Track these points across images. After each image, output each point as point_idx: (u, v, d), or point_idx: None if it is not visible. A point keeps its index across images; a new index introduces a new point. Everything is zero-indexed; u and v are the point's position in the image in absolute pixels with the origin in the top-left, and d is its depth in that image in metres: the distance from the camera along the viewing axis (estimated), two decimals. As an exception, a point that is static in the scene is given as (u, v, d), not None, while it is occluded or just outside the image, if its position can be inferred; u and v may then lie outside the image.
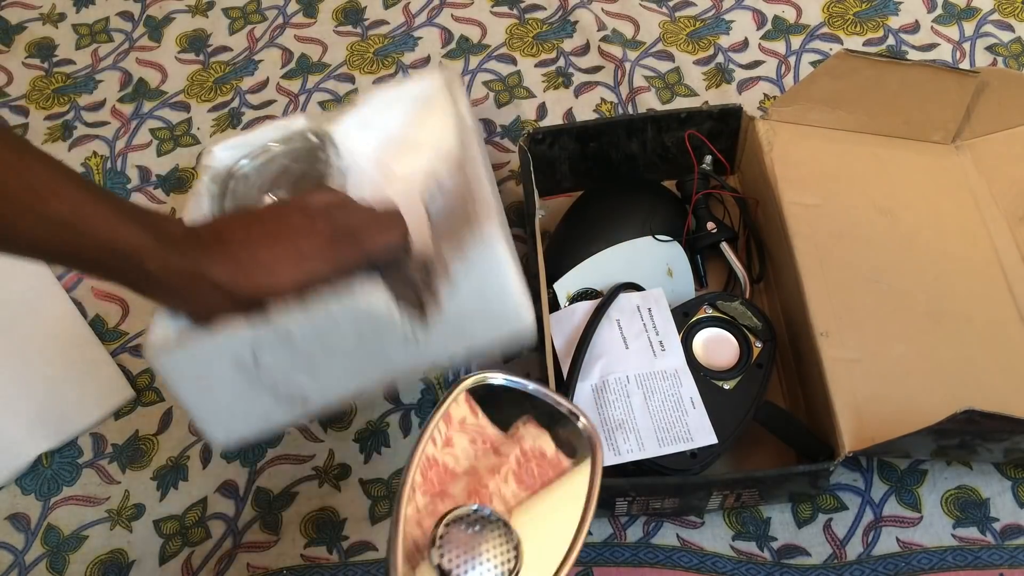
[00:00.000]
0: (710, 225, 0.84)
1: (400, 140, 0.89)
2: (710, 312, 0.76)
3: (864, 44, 1.02)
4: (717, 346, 0.74)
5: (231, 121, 1.00)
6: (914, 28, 1.03)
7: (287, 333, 0.56)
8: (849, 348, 0.72)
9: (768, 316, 0.76)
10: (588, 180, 0.89)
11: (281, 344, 0.56)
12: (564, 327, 0.74)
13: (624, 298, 0.75)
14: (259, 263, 0.55)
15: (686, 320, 0.75)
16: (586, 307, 0.75)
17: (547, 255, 0.80)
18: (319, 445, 0.79)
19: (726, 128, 0.86)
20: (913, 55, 1.00)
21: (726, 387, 0.72)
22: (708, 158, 0.87)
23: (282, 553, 0.75)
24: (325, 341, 0.56)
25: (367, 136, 0.86)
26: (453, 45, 1.04)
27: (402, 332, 0.58)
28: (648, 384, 0.72)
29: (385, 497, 0.77)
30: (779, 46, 1.02)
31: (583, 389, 0.71)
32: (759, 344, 0.74)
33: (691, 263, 0.83)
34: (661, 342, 0.73)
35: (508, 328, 0.61)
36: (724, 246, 0.83)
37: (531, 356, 0.78)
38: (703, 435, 0.69)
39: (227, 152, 0.73)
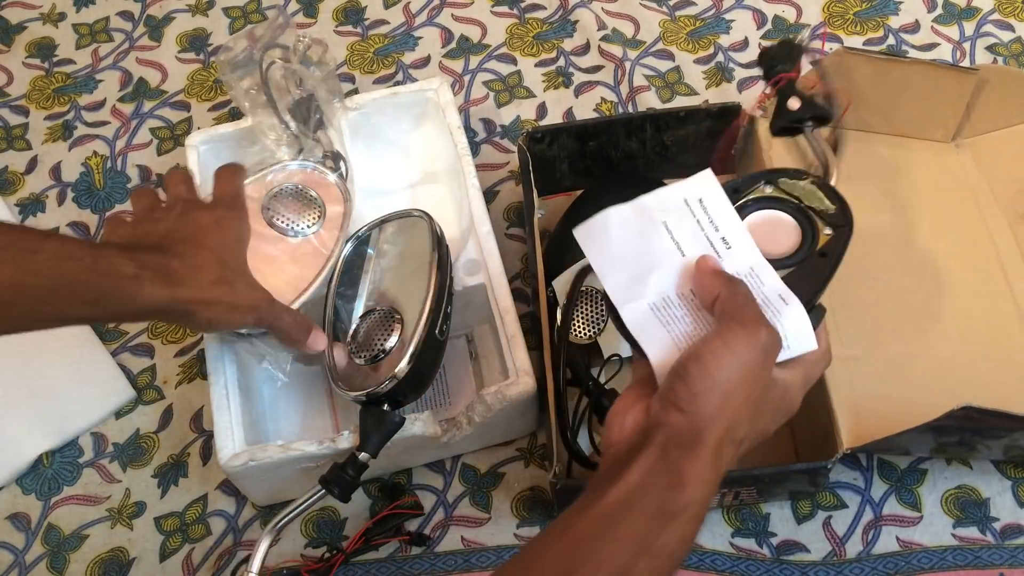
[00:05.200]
0: (793, 102, 0.68)
1: (388, 144, 0.89)
2: (768, 191, 0.61)
3: (864, 44, 1.02)
4: (772, 230, 0.59)
5: (232, 120, 1.00)
6: (914, 28, 1.03)
7: None
8: (848, 345, 0.72)
9: (845, 202, 0.61)
10: (588, 179, 0.89)
11: None
12: (600, 241, 0.59)
13: (665, 194, 0.59)
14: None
15: (736, 198, 0.60)
16: (621, 212, 0.60)
17: (547, 254, 0.80)
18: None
19: (726, 127, 0.86)
20: (913, 55, 1.00)
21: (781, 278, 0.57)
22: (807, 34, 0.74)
23: (282, 552, 0.75)
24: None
25: (356, 140, 0.86)
26: (453, 45, 1.04)
27: (441, 441, 0.72)
28: None
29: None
30: (779, 45, 1.02)
31: (638, 309, 0.56)
32: (828, 231, 0.59)
33: None
34: (724, 238, 0.58)
35: (519, 431, 0.79)
36: (810, 129, 0.68)
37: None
38: (801, 339, 0.54)
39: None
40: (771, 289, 0.55)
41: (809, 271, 0.57)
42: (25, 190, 0.96)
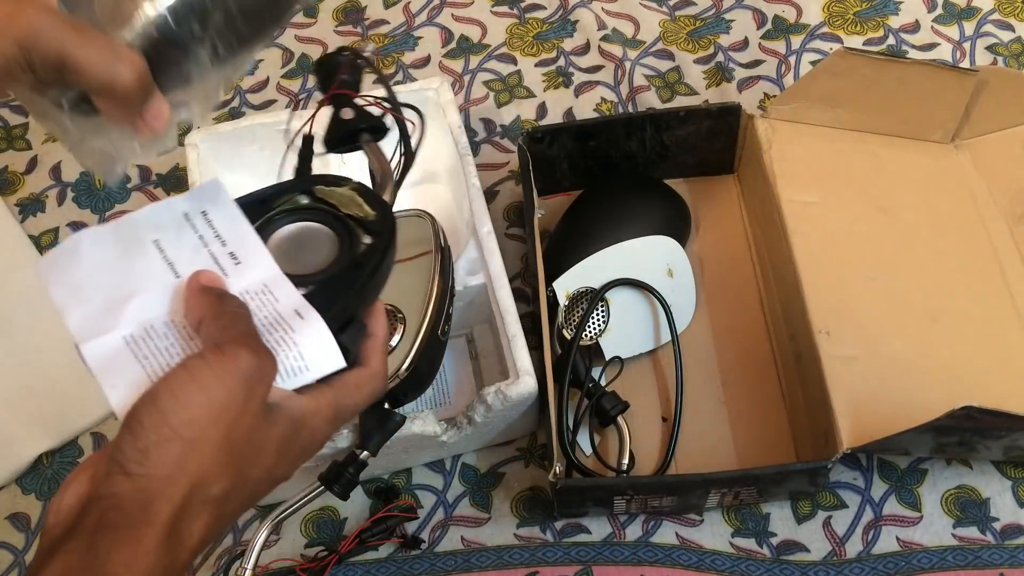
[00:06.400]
0: (346, 112, 0.61)
1: (388, 144, 0.89)
2: (304, 201, 0.54)
3: (864, 44, 1.02)
4: (305, 245, 0.53)
5: (231, 120, 1.00)
6: (914, 28, 1.03)
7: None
8: (848, 346, 0.72)
9: (389, 207, 0.54)
10: (587, 179, 0.89)
11: None
12: (67, 270, 0.48)
13: (160, 209, 0.50)
14: None
15: (263, 211, 0.53)
16: (98, 234, 0.48)
17: (546, 254, 0.80)
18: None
19: (725, 126, 0.86)
20: (913, 55, 1.00)
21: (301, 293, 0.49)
22: (369, 47, 0.65)
23: (282, 552, 0.75)
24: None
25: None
26: (453, 45, 1.04)
27: (441, 441, 0.71)
28: None
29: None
30: (779, 45, 1.02)
31: (106, 343, 0.45)
32: (367, 240, 0.52)
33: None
34: (232, 253, 0.49)
35: (519, 431, 0.79)
36: (365, 139, 0.61)
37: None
38: (323, 358, 0.46)
39: None
40: (286, 305, 0.47)
41: (341, 284, 0.50)
42: (25, 190, 0.96)
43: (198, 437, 0.38)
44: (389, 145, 0.61)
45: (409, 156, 0.61)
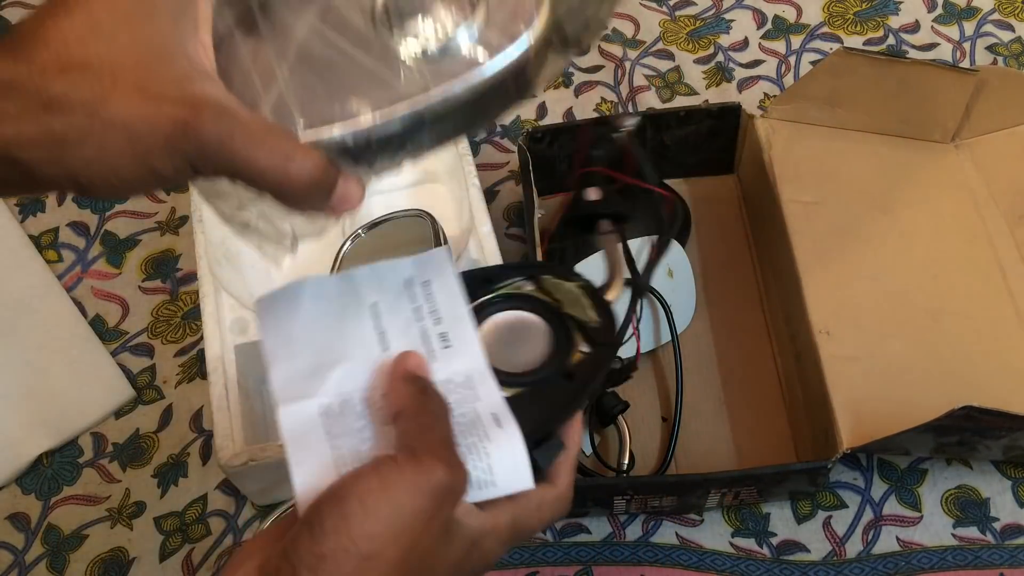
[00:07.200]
0: (591, 192, 0.54)
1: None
2: (527, 289, 0.51)
3: (864, 44, 1.02)
4: (518, 338, 0.49)
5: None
6: (914, 28, 1.03)
7: None
8: (848, 346, 0.72)
9: (614, 319, 0.50)
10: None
11: None
12: (284, 317, 0.46)
13: (384, 270, 0.48)
14: None
15: (485, 291, 0.50)
16: (322, 286, 0.47)
17: (546, 255, 0.80)
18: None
19: (725, 126, 0.86)
20: (913, 55, 1.00)
21: (504, 395, 0.45)
22: (632, 122, 0.60)
23: (282, 552, 0.75)
24: None
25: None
26: (453, 45, 1.04)
27: None
28: None
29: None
30: (779, 45, 1.02)
31: (303, 411, 0.43)
32: (584, 348, 0.48)
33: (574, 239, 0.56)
34: (444, 334, 0.46)
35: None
36: (604, 227, 0.55)
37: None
38: (512, 475, 0.42)
39: None
40: (486, 407, 0.43)
41: (547, 394, 0.46)
42: (25, 190, 0.96)
43: (376, 554, 0.37)
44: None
45: (662, 244, 0.54)
